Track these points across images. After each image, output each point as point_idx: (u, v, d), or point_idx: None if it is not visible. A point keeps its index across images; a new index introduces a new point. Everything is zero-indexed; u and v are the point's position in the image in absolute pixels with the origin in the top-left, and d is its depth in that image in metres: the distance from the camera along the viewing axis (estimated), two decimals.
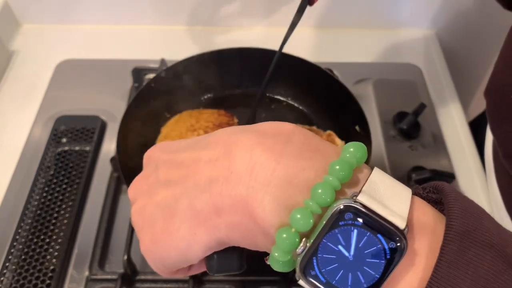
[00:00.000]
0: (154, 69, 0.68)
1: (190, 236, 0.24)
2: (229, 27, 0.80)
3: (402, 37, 0.82)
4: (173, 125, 0.58)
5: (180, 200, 0.25)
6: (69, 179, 0.58)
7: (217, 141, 0.25)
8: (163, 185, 0.26)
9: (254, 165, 0.23)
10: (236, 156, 0.23)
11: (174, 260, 0.26)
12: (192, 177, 0.25)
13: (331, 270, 0.21)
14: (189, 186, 0.25)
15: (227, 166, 0.23)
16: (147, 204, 0.27)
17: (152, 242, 0.26)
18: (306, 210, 0.21)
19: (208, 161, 0.24)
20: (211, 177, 0.24)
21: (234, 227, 0.23)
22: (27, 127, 0.64)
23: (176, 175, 0.26)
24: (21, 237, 0.52)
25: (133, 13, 0.79)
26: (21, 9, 0.79)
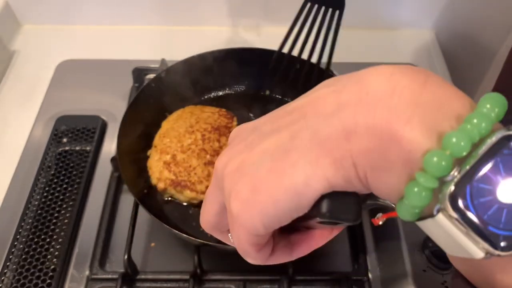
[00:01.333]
0: (155, 69, 0.68)
1: (310, 167, 0.21)
2: (230, 28, 0.80)
3: (401, 37, 0.82)
4: (174, 121, 0.59)
5: (297, 135, 0.22)
6: (69, 179, 0.58)
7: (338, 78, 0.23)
8: (269, 134, 0.24)
9: (395, 87, 0.20)
10: (370, 81, 0.21)
11: (282, 207, 0.22)
12: (312, 110, 0.22)
13: (484, 203, 0.19)
14: (308, 119, 0.22)
15: (358, 90, 0.21)
16: (246, 157, 0.24)
17: (253, 190, 0.22)
18: (464, 134, 0.19)
19: (332, 92, 0.22)
20: (339, 102, 0.21)
21: (366, 153, 0.20)
22: (28, 127, 0.64)
23: (287, 120, 0.23)
24: (22, 236, 0.52)
25: (134, 13, 0.79)
26: (22, 10, 0.79)
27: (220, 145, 0.56)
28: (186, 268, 0.50)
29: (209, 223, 0.28)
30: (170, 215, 0.53)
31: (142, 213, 0.52)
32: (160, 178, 0.53)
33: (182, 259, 0.52)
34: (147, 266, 0.51)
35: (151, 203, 0.52)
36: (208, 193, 0.28)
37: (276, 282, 0.50)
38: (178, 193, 0.53)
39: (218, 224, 0.28)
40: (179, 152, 0.55)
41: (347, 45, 0.81)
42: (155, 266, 0.52)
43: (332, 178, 0.21)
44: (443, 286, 0.50)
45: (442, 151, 0.19)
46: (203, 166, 0.54)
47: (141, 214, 0.52)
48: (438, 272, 0.51)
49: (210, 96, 0.65)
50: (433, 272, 0.51)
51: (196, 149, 0.55)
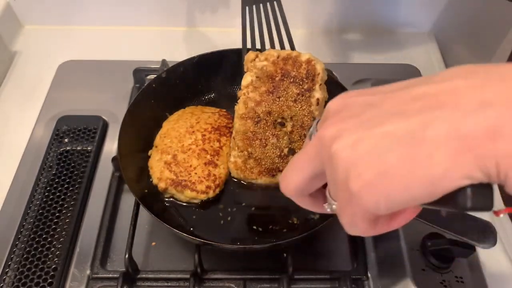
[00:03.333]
0: (155, 69, 0.69)
1: (450, 163, 0.21)
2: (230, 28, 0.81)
3: (401, 38, 0.83)
4: (175, 121, 0.59)
5: (431, 126, 0.21)
6: (71, 178, 0.58)
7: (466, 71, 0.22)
8: (393, 116, 0.23)
9: None
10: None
11: (412, 195, 0.22)
12: (451, 102, 0.21)
13: None
14: (446, 111, 0.21)
15: (506, 89, 0.20)
16: (365, 136, 0.23)
17: (380, 174, 0.22)
18: None
19: (472, 87, 0.21)
20: (483, 100, 0.21)
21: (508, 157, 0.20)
22: (29, 127, 0.65)
23: (417, 105, 0.22)
24: (24, 236, 0.53)
25: (134, 14, 0.80)
26: (23, 11, 0.79)
27: (220, 145, 0.57)
28: (186, 267, 0.51)
29: (295, 189, 0.29)
30: (170, 214, 0.53)
31: (142, 213, 0.52)
32: (161, 178, 0.53)
33: (183, 258, 0.52)
34: (148, 265, 0.52)
35: (151, 203, 0.52)
36: (299, 159, 0.28)
37: (276, 281, 0.50)
38: (178, 193, 0.53)
39: (303, 190, 0.29)
40: (180, 152, 0.55)
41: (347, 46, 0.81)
42: (156, 265, 0.52)
43: (471, 174, 0.21)
44: (442, 285, 0.50)
45: None
46: (203, 166, 0.54)
47: (142, 213, 0.52)
48: (437, 271, 0.51)
49: (210, 96, 0.66)
50: (432, 272, 0.51)
51: (196, 149, 0.55)
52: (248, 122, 0.53)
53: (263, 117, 0.53)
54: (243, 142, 0.53)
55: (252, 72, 0.54)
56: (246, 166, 0.54)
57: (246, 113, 0.53)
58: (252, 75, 0.53)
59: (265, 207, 0.54)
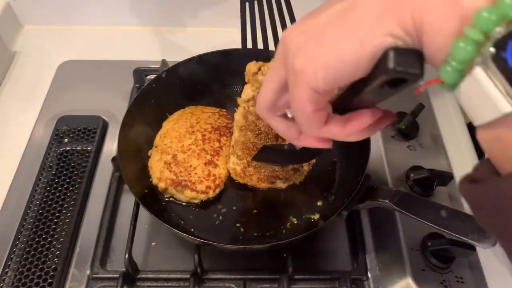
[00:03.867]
0: (155, 69, 0.69)
1: (376, 20, 0.23)
2: (230, 28, 0.81)
3: None
4: (175, 121, 0.59)
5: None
6: (71, 178, 0.58)
7: None
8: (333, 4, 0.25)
9: None
10: None
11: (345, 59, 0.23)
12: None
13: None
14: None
15: None
16: (313, 22, 0.26)
17: (318, 45, 0.24)
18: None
19: None
20: None
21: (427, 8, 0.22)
22: (29, 127, 0.65)
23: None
24: (23, 236, 0.53)
25: (134, 14, 0.80)
26: (23, 11, 0.79)
27: (220, 145, 0.57)
28: (186, 267, 0.51)
29: (266, 102, 0.30)
30: (170, 214, 0.53)
31: (142, 213, 0.52)
32: (161, 178, 0.53)
33: (183, 258, 0.52)
34: (148, 265, 0.52)
35: (151, 203, 0.52)
36: (269, 71, 0.29)
37: (276, 281, 0.50)
38: (178, 193, 0.53)
39: (274, 103, 0.30)
40: (180, 152, 0.55)
41: None
42: (156, 265, 0.52)
43: (392, 30, 0.22)
44: (442, 285, 0.50)
45: (494, 7, 0.20)
46: (203, 166, 0.54)
47: (142, 213, 0.52)
48: (437, 271, 0.51)
49: (210, 96, 0.66)
50: (432, 272, 0.51)
51: (196, 149, 0.55)
52: (248, 133, 0.52)
53: (264, 130, 0.52)
54: (243, 151, 0.53)
55: (253, 86, 0.51)
56: (245, 173, 0.54)
57: (247, 125, 0.52)
58: (254, 90, 0.51)
59: (265, 207, 0.54)
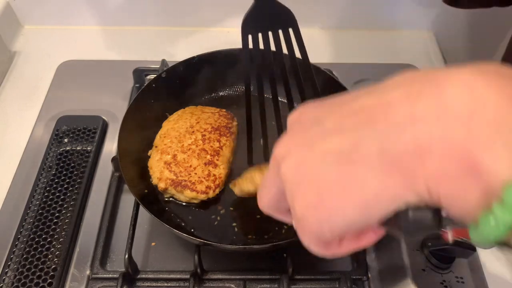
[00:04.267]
0: (155, 69, 0.69)
1: (379, 186, 0.20)
2: (230, 28, 0.81)
3: (401, 38, 0.82)
4: (175, 121, 0.59)
5: (363, 145, 0.20)
6: (70, 178, 0.58)
7: (409, 79, 0.21)
8: (332, 133, 0.22)
9: (476, 102, 0.18)
10: (448, 91, 0.19)
11: (349, 219, 0.21)
12: (382, 117, 0.20)
13: None
14: (377, 128, 0.20)
15: (436, 103, 0.19)
16: (307, 156, 0.22)
17: (319, 197, 0.22)
18: None
19: (405, 98, 0.20)
20: (413, 115, 0.19)
21: (442, 177, 0.19)
22: (29, 127, 0.65)
23: (353, 120, 0.21)
24: (23, 236, 0.53)
25: (134, 14, 0.80)
26: (23, 11, 0.79)
27: (220, 145, 0.56)
28: (186, 268, 0.51)
29: (268, 206, 0.29)
30: (170, 214, 0.53)
31: (142, 213, 0.52)
32: (161, 178, 0.53)
33: (183, 259, 0.52)
34: (148, 266, 0.52)
35: (151, 203, 0.52)
36: (265, 178, 0.27)
37: (276, 281, 0.50)
38: (178, 193, 0.53)
39: (277, 206, 0.28)
40: (180, 152, 0.55)
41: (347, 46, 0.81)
42: (156, 265, 0.52)
43: (403, 196, 0.20)
44: (442, 285, 0.50)
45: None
46: (203, 166, 0.54)
47: (142, 213, 0.52)
48: (437, 271, 0.51)
49: (210, 96, 0.66)
50: (432, 272, 0.51)
51: (196, 149, 0.55)
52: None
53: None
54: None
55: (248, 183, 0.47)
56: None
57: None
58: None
59: None
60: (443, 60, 0.79)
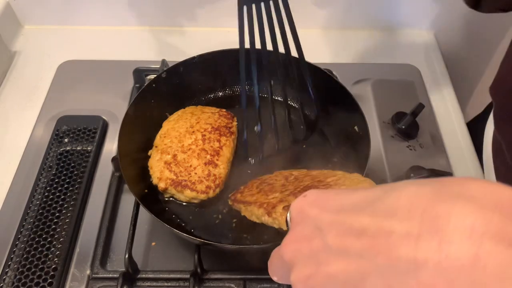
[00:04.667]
0: (155, 69, 0.69)
1: None
2: (230, 28, 0.81)
3: (400, 38, 0.82)
4: (175, 121, 0.59)
5: (368, 279, 0.21)
6: (71, 178, 0.58)
7: (411, 207, 0.21)
8: (335, 254, 0.22)
9: (479, 253, 0.18)
10: (449, 237, 0.19)
11: None
12: (384, 253, 0.20)
13: None
14: (380, 263, 0.21)
15: (437, 248, 0.19)
16: (314, 274, 0.23)
17: None
18: None
19: (405, 236, 0.20)
20: (416, 259, 0.19)
21: None
22: (29, 127, 0.65)
23: (356, 245, 0.22)
24: (24, 236, 0.53)
25: (134, 14, 0.80)
26: (23, 11, 0.79)
27: (220, 145, 0.57)
28: (186, 267, 0.51)
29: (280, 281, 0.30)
30: (170, 214, 0.53)
31: (142, 213, 0.52)
32: (161, 178, 0.53)
33: (183, 258, 0.52)
34: (148, 265, 0.52)
35: (151, 203, 0.52)
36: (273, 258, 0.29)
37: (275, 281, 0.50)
38: (178, 193, 0.53)
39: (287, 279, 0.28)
40: (180, 152, 0.55)
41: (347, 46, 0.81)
42: (156, 265, 0.52)
43: None
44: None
45: None
46: (203, 166, 0.54)
47: (142, 213, 0.52)
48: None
49: (210, 96, 0.66)
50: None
51: (196, 149, 0.55)
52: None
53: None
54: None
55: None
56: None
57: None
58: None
59: None
60: (442, 59, 0.79)
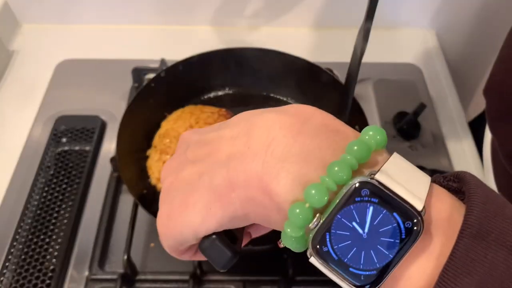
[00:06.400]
0: (154, 69, 0.68)
1: (205, 210, 0.24)
2: (230, 27, 0.80)
3: (402, 37, 0.82)
4: (174, 121, 0.58)
5: (202, 176, 0.25)
6: (69, 179, 0.58)
7: (240, 120, 0.26)
8: (190, 162, 0.27)
9: (271, 142, 0.23)
10: (254, 133, 0.24)
11: (186, 236, 0.26)
12: (215, 154, 0.25)
13: (343, 247, 0.21)
14: (211, 162, 0.25)
15: (245, 143, 0.24)
16: (174, 180, 0.27)
17: (167, 216, 0.27)
18: (322, 185, 0.21)
19: (229, 139, 0.25)
20: (230, 153, 0.24)
21: (248, 202, 0.23)
22: (27, 127, 0.64)
23: (202, 153, 0.26)
24: (21, 237, 0.52)
25: (133, 13, 0.79)
26: (21, 9, 0.79)
27: None
28: (185, 269, 0.50)
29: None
30: None
31: (141, 214, 0.52)
32: (160, 178, 0.53)
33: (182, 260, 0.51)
34: (147, 267, 0.51)
35: (150, 203, 0.52)
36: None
37: (276, 283, 0.49)
38: None
39: None
40: None
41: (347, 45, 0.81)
42: (155, 266, 0.51)
43: (221, 219, 0.24)
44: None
45: (303, 203, 0.21)
46: None
47: (141, 214, 0.52)
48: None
49: (210, 96, 0.65)
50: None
51: None
52: None
53: None
54: None
55: None
56: None
57: None
58: None
59: None
60: (444, 57, 0.78)
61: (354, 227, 0.21)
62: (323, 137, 0.23)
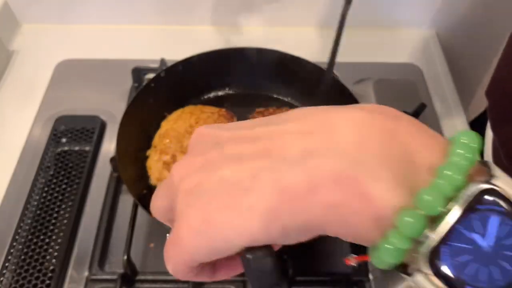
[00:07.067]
0: (154, 69, 0.68)
1: (267, 215, 0.20)
2: (229, 27, 0.80)
3: (402, 36, 0.82)
4: (174, 121, 0.58)
5: (259, 174, 0.21)
6: (68, 179, 0.58)
7: (306, 115, 0.22)
8: (231, 159, 0.22)
9: (362, 140, 0.20)
10: (339, 129, 0.20)
11: (232, 245, 0.21)
12: (278, 149, 0.21)
13: (462, 263, 0.18)
14: (273, 159, 0.21)
15: (326, 139, 0.20)
16: (204, 179, 0.22)
17: (204, 222, 0.21)
18: (438, 190, 0.18)
19: (299, 134, 0.21)
20: (306, 149, 0.20)
21: (333, 208, 0.19)
22: (27, 127, 0.64)
23: (252, 148, 0.22)
24: (21, 237, 0.52)
25: (133, 13, 0.79)
26: (21, 9, 0.79)
27: None
28: None
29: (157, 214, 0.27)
30: None
31: (141, 214, 0.52)
32: (160, 178, 0.53)
33: None
34: (147, 267, 0.51)
35: None
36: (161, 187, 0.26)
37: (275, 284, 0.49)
38: None
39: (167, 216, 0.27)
40: (179, 152, 0.54)
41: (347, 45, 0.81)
42: (155, 266, 0.51)
43: (290, 226, 0.20)
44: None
45: (415, 210, 0.18)
46: None
47: (141, 214, 0.52)
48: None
49: (210, 96, 0.65)
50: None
51: None
52: None
53: None
54: None
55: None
56: None
57: None
58: None
59: None
60: (444, 57, 0.78)
61: (474, 239, 0.18)
62: (423, 137, 0.20)
